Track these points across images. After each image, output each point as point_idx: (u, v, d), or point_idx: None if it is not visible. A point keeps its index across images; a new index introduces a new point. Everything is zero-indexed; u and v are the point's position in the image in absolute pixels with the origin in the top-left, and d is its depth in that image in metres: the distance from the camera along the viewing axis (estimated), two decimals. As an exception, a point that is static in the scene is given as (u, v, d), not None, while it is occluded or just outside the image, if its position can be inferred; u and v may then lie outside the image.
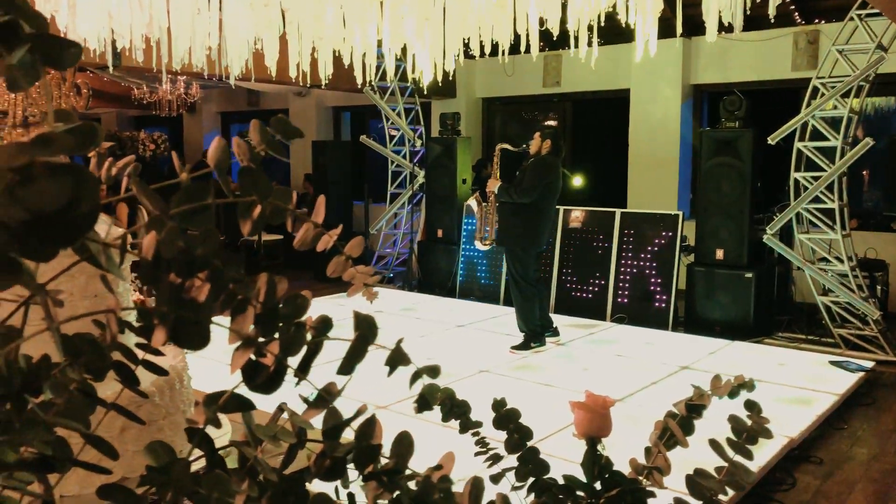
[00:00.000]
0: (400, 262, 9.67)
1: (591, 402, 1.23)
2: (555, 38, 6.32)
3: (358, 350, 0.53)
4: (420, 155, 9.54)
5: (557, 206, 6.76)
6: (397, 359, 0.55)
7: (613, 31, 6.89)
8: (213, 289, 0.48)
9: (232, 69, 6.82)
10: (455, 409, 1.15)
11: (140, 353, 0.64)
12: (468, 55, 6.57)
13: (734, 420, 1.05)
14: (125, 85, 11.03)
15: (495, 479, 1.06)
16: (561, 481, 1.08)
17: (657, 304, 7.08)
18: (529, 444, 1.08)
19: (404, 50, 6.80)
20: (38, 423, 0.57)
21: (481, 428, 1.14)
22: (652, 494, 1.14)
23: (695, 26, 6.34)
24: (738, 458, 1.03)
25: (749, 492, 3.47)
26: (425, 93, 9.12)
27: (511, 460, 1.11)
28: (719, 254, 6.79)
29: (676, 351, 6.02)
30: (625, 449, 1.31)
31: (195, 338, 0.49)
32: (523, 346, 5.95)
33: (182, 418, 3.25)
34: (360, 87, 7.84)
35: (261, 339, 0.53)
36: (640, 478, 1.18)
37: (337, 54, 6.83)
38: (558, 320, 6.49)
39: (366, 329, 0.53)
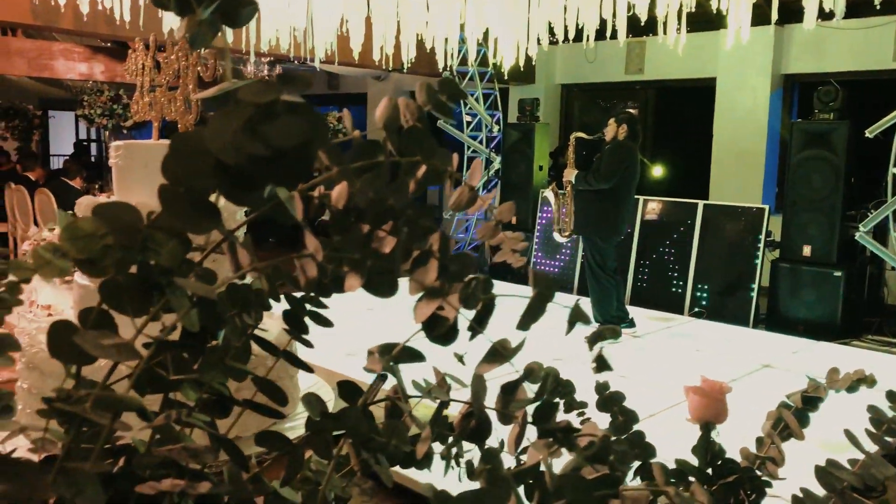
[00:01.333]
0: (473, 248, 9.68)
1: (708, 387, 1.21)
2: (642, 24, 6.19)
3: (536, 308, 0.53)
4: (496, 141, 9.50)
5: (635, 196, 6.63)
6: (578, 316, 0.55)
7: (702, 18, 6.68)
8: (408, 236, 0.48)
9: (317, 51, 6.93)
10: (560, 389, 1.15)
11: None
12: (551, 41, 6.50)
13: (874, 411, 1.01)
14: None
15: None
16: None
17: (738, 300, 6.88)
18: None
19: (486, 34, 6.78)
20: (217, 365, 0.59)
21: (586, 409, 1.13)
22: (769, 484, 1.11)
23: (789, 13, 6.09)
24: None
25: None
26: (504, 78, 9.06)
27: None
28: (806, 250, 6.55)
29: (757, 348, 5.85)
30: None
31: (385, 285, 0.50)
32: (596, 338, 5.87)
33: (289, 383, 3.31)
34: (441, 71, 7.86)
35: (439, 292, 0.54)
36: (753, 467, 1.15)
37: (420, 38, 6.86)
38: (634, 312, 6.38)
39: (544, 287, 0.53)
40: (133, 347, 0.51)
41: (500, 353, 0.53)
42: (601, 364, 0.58)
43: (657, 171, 9.34)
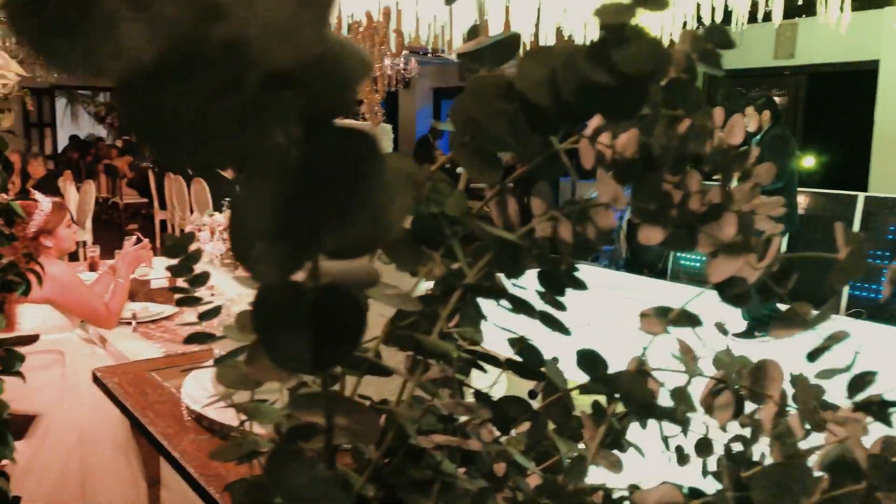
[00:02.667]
0: (607, 241, 9.46)
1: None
2: (799, 4, 5.80)
3: (852, 265, 0.48)
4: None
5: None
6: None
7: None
8: (723, 184, 0.44)
9: (455, 43, 6.97)
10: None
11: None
12: (698, 26, 6.22)
13: None
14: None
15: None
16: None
17: (903, 300, 6.33)
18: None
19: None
20: (476, 320, 0.57)
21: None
22: None
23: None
24: None
25: None
26: (643, 66, 8.76)
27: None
28: None
29: (928, 353, 5.36)
30: None
31: (685, 239, 0.46)
32: (747, 335, 5.59)
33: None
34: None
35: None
36: None
37: (558, 28, 6.75)
38: (785, 310, 6.01)
39: (856, 244, 0.48)
40: (413, 297, 0.50)
41: (799, 319, 0.48)
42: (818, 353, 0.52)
43: (808, 161, 8.75)
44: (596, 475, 0.63)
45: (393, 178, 0.25)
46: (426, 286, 0.57)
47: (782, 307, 0.52)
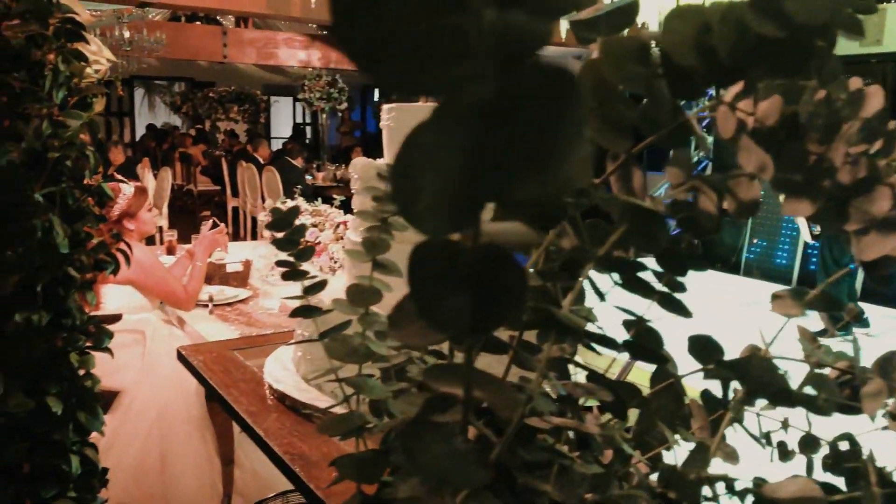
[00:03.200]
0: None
1: None
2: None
3: None
4: (707, 121, 8.98)
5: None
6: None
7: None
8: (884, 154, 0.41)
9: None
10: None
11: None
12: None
13: None
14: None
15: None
16: None
17: None
18: None
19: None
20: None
21: None
22: None
23: None
24: None
25: None
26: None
27: None
28: None
29: None
30: None
31: (836, 214, 0.43)
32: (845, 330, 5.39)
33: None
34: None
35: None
36: None
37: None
38: (869, 310, 5.77)
39: None
40: (530, 271, 0.48)
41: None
42: None
43: None
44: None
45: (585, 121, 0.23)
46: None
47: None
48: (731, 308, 6.39)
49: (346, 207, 4.10)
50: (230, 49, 11.13)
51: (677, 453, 0.64)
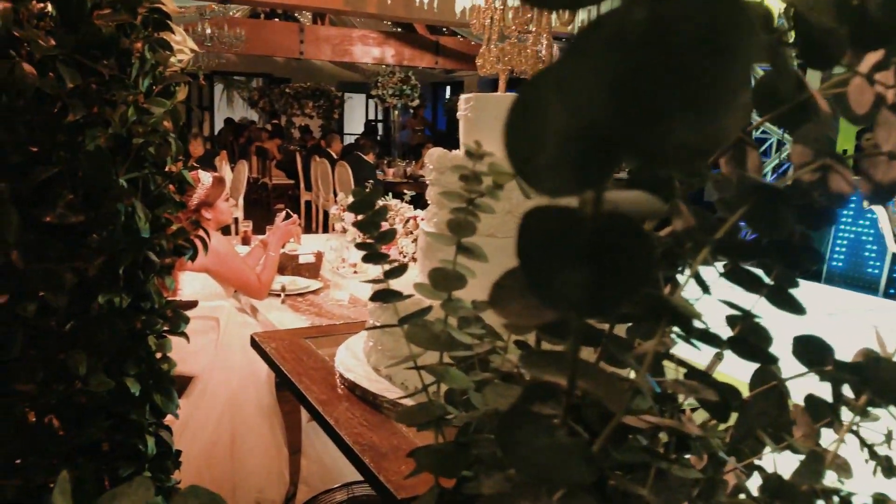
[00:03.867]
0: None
1: None
2: None
3: None
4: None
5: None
6: None
7: None
8: None
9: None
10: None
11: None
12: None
13: None
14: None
15: None
16: None
17: None
18: None
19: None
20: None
21: None
22: None
23: None
24: None
25: None
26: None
27: None
28: None
29: None
30: None
31: None
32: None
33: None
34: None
35: None
36: None
37: None
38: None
39: None
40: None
41: None
42: None
43: None
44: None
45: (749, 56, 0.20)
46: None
47: None
48: (817, 317, 6.12)
49: (416, 203, 4.10)
50: (307, 45, 11.32)
51: (775, 462, 0.59)
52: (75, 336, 1.55)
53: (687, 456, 0.55)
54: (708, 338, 0.53)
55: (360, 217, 0.62)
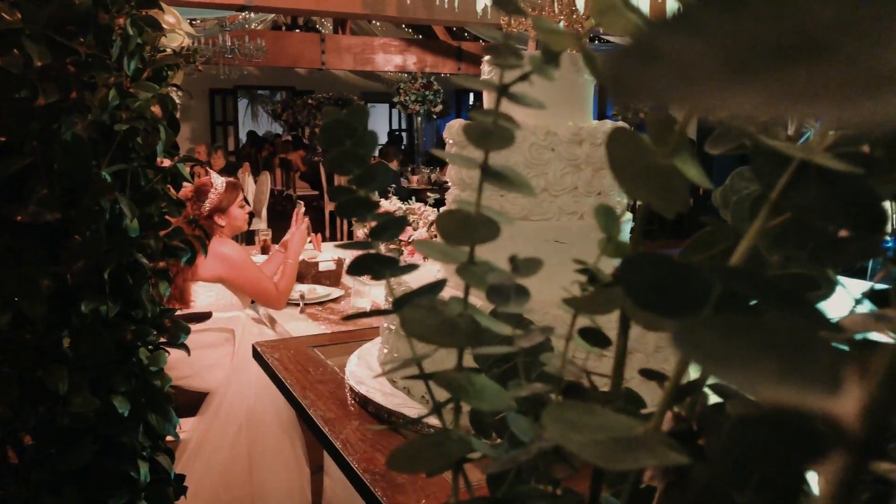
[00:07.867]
0: None
1: None
2: None
3: None
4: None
5: None
6: None
7: None
8: None
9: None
10: None
11: None
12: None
13: None
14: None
15: None
16: None
17: None
18: None
19: None
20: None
21: None
22: None
23: None
24: None
25: None
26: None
27: None
28: None
29: None
30: None
31: None
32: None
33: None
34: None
35: None
36: None
37: None
38: None
39: None
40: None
41: None
42: None
43: None
44: None
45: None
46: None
47: None
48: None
49: (439, 206, 3.96)
50: (328, 55, 11.23)
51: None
52: (55, 350, 1.37)
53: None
54: None
55: (373, 224, 0.43)
